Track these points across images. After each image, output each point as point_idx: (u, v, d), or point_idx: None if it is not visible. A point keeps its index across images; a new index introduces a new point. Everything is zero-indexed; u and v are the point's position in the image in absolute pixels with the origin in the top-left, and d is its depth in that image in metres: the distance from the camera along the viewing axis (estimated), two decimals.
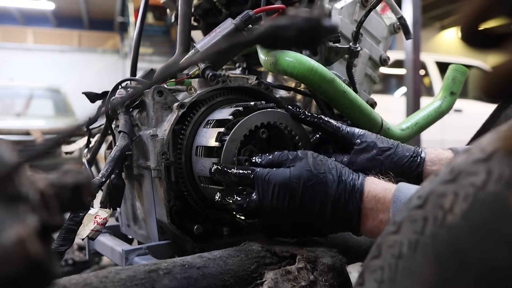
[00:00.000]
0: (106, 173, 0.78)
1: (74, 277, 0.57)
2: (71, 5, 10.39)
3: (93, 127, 1.09)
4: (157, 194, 0.86)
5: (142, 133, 0.88)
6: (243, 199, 0.70)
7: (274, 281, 0.63)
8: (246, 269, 0.66)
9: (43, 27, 11.38)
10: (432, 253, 0.37)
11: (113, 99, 0.93)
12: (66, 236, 0.68)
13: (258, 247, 0.71)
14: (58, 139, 0.31)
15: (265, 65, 0.85)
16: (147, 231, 0.94)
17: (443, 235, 0.36)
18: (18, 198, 0.29)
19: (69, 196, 0.33)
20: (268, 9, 0.88)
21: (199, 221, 0.87)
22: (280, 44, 0.43)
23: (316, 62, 0.80)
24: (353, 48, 0.95)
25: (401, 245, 0.40)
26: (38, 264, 0.27)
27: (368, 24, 1.03)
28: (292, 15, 0.41)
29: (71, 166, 0.35)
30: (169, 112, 0.86)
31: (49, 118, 5.28)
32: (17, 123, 4.72)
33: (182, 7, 1.01)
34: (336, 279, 0.66)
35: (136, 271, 0.60)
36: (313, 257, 0.67)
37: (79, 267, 1.61)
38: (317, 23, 0.41)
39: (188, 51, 0.98)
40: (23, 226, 0.27)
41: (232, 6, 1.08)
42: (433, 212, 0.38)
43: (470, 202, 0.35)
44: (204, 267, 0.64)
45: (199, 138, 0.83)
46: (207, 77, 0.85)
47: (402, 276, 0.39)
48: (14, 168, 0.29)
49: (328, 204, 0.67)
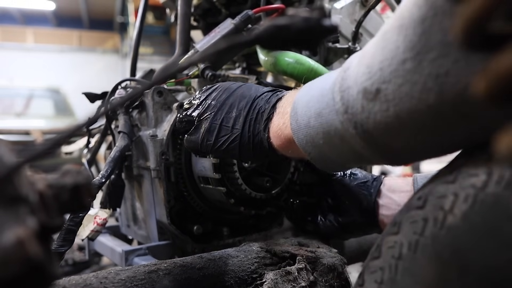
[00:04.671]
0: (106, 174, 0.78)
1: (74, 278, 0.57)
2: (71, 5, 10.38)
3: (93, 127, 1.09)
4: (157, 195, 0.86)
5: (142, 134, 0.88)
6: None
7: (274, 282, 0.63)
8: (246, 269, 0.66)
9: (43, 27, 11.37)
10: (432, 254, 0.37)
11: (112, 99, 0.93)
12: (66, 236, 0.68)
13: (258, 247, 0.71)
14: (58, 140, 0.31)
15: (264, 65, 0.85)
16: (147, 231, 0.93)
17: (443, 236, 0.36)
18: (18, 199, 0.29)
19: (69, 197, 0.33)
20: (267, 9, 0.88)
21: (199, 222, 0.87)
22: (279, 44, 0.43)
23: (316, 63, 0.80)
24: (352, 48, 0.95)
25: (401, 246, 0.40)
26: (38, 266, 0.27)
27: (368, 24, 1.03)
28: (292, 15, 0.41)
29: (71, 166, 0.35)
30: (169, 112, 0.86)
31: (49, 118, 5.27)
32: (17, 123, 4.71)
33: (182, 7, 1.01)
34: (336, 279, 0.66)
35: (136, 272, 0.60)
36: (313, 257, 0.67)
37: (79, 267, 1.61)
38: (317, 23, 0.41)
39: (187, 51, 0.97)
40: (23, 228, 0.27)
41: (231, 6, 1.08)
42: (433, 213, 0.38)
43: (470, 203, 0.35)
44: (204, 267, 0.64)
45: None
46: (207, 77, 0.85)
47: (402, 277, 0.39)
48: (14, 169, 0.29)
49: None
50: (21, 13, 10.76)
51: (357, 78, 0.43)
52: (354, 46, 0.95)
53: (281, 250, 0.69)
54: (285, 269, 0.65)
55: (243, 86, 0.68)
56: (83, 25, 11.54)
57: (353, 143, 0.46)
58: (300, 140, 0.53)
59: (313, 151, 0.53)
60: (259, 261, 0.68)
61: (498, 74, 0.25)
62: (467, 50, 0.27)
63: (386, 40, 0.40)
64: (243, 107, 0.64)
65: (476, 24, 0.25)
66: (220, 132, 0.65)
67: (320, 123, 0.49)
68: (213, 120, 0.66)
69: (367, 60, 0.42)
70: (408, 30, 0.37)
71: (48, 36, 11.26)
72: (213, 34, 0.87)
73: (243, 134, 0.63)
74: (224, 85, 0.70)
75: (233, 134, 0.64)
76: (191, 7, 1.05)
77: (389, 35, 0.39)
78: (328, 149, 0.50)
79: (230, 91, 0.67)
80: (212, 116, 0.66)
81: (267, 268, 0.67)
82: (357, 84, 0.43)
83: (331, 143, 0.49)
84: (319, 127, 0.49)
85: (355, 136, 0.44)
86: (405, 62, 0.38)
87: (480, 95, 0.26)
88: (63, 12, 10.95)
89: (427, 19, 0.36)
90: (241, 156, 0.66)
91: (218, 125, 0.65)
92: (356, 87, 0.43)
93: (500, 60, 0.24)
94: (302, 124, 0.52)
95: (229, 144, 0.64)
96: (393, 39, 0.39)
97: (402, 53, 0.38)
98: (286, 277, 0.64)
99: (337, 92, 0.46)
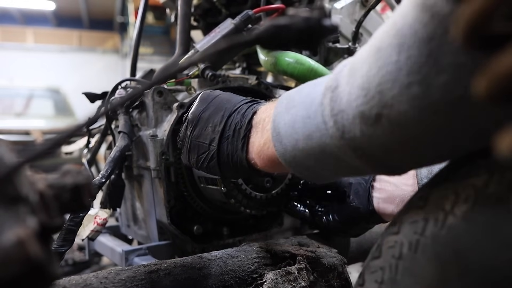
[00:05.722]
0: (106, 174, 0.78)
1: (74, 278, 0.57)
2: (71, 5, 10.38)
3: (93, 127, 1.09)
4: (157, 195, 0.86)
5: (142, 134, 0.88)
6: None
7: (274, 282, 0.63)
8: (246, 269, 0.66)
9: (43, 27, 11.37)
10: (432, 254, 0.37)
11: (112, 99, 0.93)
12: (66, 236, 0.68)
13: (258, 247, 0.71)
14: (58, 140, 0.31)
15: (264, 65, 0.85)
16: (147, 231, 0.93)
17: (444, 236, 0.36)
18: (18, 199, 0.29)
19: (69, 197, 0.33)
20: (267, 9, 0.88)
21: (199, 222, 0.87)
22: (280, 44, 0.43)
23: (316, 63, 0.80)
24: (352, 48, 0.95)
25: (402, 246, 0.40)
26: (38, 266, 0.27)
27: (368, 24, 1.03)
28: (292, 15, 0.41)
29: (71, 166, 0.35)
30: (169, 112, 0.86)
31: (49, 118, 5.27)
32: (17, 123, 4.71)
33: (182, 7, 1.01)
34: (336, 279, 0.66)
35: (136, 272, 0.60)
36: (313, 257, 0.67)
37: (79, 267, 1.61)
38: (317, 23, 0.41)
39: (187, 51, 0.97)
40: (23, 228, 0.27)
41: (231, 6, 1.08)
42: (433, 213, 0.38)
43: (471, 203, 0.35)
44: (204, 267, 0.64)
45: None
46: (207, 77, 0.85)
47: (402, 276, 0.39)
48: (14, 169, 0.29)
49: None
50: (21, 13, 10.76)
51: (351, 100, 0.40)
52: (354, 46, 0.95)
53: (281, 250, 0.69)
54: (285, 269, 0.65)
55: (218, 98, 0.66)
56: (83, 25, 11.54)
57: (351, 162, 0.43)
58: (288, 163, 0.50)
59: (304, 171, 0.51)
60: (259, 261, 0.68)
61: (498, 74, 0.25)
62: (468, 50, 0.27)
63: (382, 59, 0.36)
64: (218, 122, 0.62)
65: (476, 25, 0.25)
66: (199, 149, 0.63)
67: (311, 147, 0.46)
68: (192, 137, 0.64)
69: (360, 80, 0.39)
70: (411, 50, 0.33)
71: (48, 36, 11.25)
72: (213, 34, 0.87)
73: (220, 153, 0.61)
74: (202, 96, 0.67)
75: (210, 152, 0.62)
76: (191, 7, 1.05)
77: (386, 54, 0.36)
78: (321, 167, 0.48)
79: (206, 103, 0.65)
80: (190, 132, 0.64)
81: (267, 268, 0.67)
82: (352, 107, 0.39)
83: (324, 163, 0.47)
84: (309, 150, 0.46)
85: (354, 158, 0.42)
86: (410, 86, 0.34)
87: (480, 95, 0.26)
88: (63, 12, 10.95)
89: (435, 38, 0.32)
90: (222, 174, 0.64)
91: (197, 142, 0.63)
92: (351, 111, 0.40)
93: (500, 60, 0.24)
94: (288, 146, 0.49)
95: (209, 162, 0.62)
96: (392, 59, 0.35)
97: (406, 76, 0.34)
98: (286, 277, 0.64)
99: (328, 116, 0.43)
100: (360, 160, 0.42)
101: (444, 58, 0.32)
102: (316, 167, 0.48)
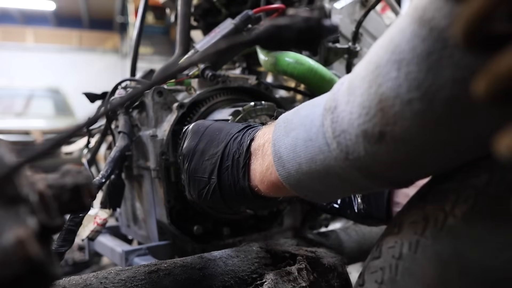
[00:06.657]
0: (106, 174, 0.78)
1: (74, 278, 0.57)
2: (71, 5, 10.39)
3: (93, 127, 1.09)
4: (157, 195, 0.86)
5: (142, 134, 0.88)
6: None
7: (274, 282, 0.63)
8: (246, 269, 0.66)
9: (43, 27, 11.38)
10: (432, 254, 0.37)
11: (112, 99, 0.93)
12: (66, 237, 0.68)
13: (258, 247, 0.71)
14: (58, 140, 0.31)
15: (264, 65, 0.85)
16: (147, 231, 0.93)
17: (444, 236, 0.36)
18: (18, 199, 0.29)
19: (69, 197, 0.33)
20: (267, 9, 0.88)
21: (199, 222, 0.87)
22: (280, 45, 0.43)
23: (316, 63, 0.80)
24: (352, 48, 0.95)
25: (402, 246, 0.40)
26: (38, 266, 0.27)
27: (368, 24, 1.03)
28: (292, 15, 0.41)
29: (71, 166, 0.35)
30: (169, 112, 0.86)
31: (49, 118, 5.27)
32: (17, 123, 4.71)
33: (182, 7, 1.01)
34: (336, 279, 0.66)
35: (136, 272, 0.60)
36: (313, 257, 0.67)
37: (79, 267, 1.61)
38: (317, 23, 0.40)
39: (187, 51, 0.97)
40: (23, 228, 0.27)
41: (231, 6, 1.08)
42: (434, 213, 0.38)
43: (471, 203, 0.35)
44: (204, 267, 0.64)
45: None
46: (207, 77, 0.85)
47: (402, 277, 0.39)
48: (14, 169, 0.29)
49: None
50: (21, 13, 10.77)
51: (352, 120, 0.39)
52: (354, 46, 0.95)
53: (281, 250, 0.69)
54: (285, 269, 0.65)
55: (210, 128, 0.64)
56: (83, 25, 11.55)
57: (356, 181, 0.43)
58: (293, 186, 0.50)
59: (309, 193, 0.50)
60: (259, 261, 0.68)
61: (498, 74, 0.24)
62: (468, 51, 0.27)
63: (381, 76, 0.35)
64: (214, 153, 0.60)
65: (476, 25, 0.25)
66: (200, 184, 0.62)
67: (315, 170, 0.45)
68: (189, 172, 0.63)
69: (360, 98, 0.38)
70: (410, 66, 0.33)
71: (48, 36, 11.26)
72: (213, 34, 0.87)
73: (222, 184, 0.59)
74: (192, 129, 0.66)
75: (211, 185, 0.60)
76: (191, 7, 1.05)
77: (385, 70, 0.35)
78: (326, 189, 0.48)
79: (198, 136, 0.64)
80: (187, 168, 0.63)
81: (267, 268, 0.67)
82: (354, 127, 0.39)
83: (329, 184, 0.46)
84: (314, 172, 0.46)
85: (360, 178, 0.42)
86: (411, 102, 0.33)
87: (480, 95, 0.26)
88: (63, 12, 10.96)
89: (434, 53, 0.31)
90: (227, 205, 0.62)
91: (195, 177, 0.62)
92: (353, 130, 0.39)
93: (500, 60, 0.24)
94: (291, 170, 0.48)
95: (212, 195, 0.61)
96: (392, 76, 0.34)
97: (407, 93, 0.34)
98: (286, 277, 0.64)
99: (330, 138, 0.42)
100: (366, 178, 0.42)
101: (444, 72, 0.31)
102: (321, 188, 0.48)
